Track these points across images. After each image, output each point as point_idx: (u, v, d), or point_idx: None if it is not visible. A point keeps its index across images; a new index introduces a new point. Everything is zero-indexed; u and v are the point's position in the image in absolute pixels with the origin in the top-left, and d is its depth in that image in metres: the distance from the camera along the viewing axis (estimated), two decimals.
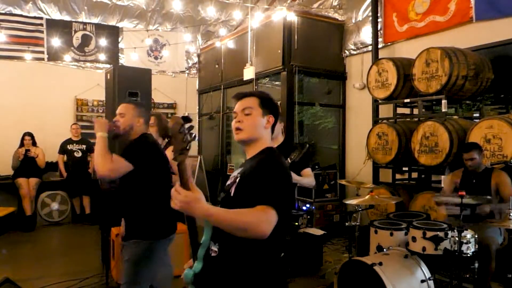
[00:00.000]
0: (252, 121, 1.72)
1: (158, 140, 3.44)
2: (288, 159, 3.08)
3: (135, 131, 2.71)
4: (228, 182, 1.75)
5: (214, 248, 1.64)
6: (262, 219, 1.44)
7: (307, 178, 3.39)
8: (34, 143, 6.85)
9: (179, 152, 1.50)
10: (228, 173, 7.60)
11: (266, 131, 1.75)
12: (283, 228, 1.63)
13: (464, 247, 3.10)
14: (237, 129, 1.74)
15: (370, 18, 6.15)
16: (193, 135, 1.53)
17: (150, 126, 3.38)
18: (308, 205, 6.00)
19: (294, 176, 3.07)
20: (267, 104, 1.76)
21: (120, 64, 8.11)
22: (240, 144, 1.78)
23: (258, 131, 1.73)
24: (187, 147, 1.50)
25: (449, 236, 3.13)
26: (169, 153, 3.15)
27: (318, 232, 4.68)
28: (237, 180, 1.69)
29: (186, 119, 1.52)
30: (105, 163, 2.47)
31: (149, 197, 2.61)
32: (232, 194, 1.66)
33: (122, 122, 2.69)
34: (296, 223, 4.61)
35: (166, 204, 2.62)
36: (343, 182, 5.05)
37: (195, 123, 8.97)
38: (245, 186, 1.63)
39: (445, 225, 3.29)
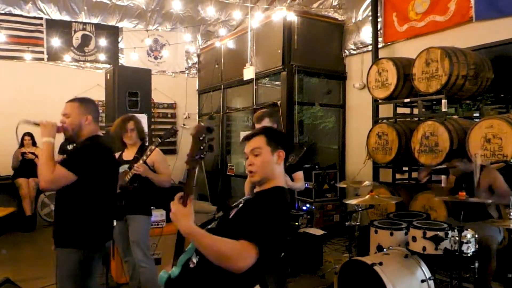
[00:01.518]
0: (262, 161, 1.74)
1: (136, 142, 3.46)
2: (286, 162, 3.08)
3: (84, 131, 2.49)
4: (233, 204, 1.78)
5: (194, 259, 1.65)
6: (242, 255, 1.47)
7: (298, 183, 3.40)
8: (34, 143, 6.84)
9: (192, 159, 1.53)
10: (228, 173, 7.60)
11: (279, 166, 1.77)
12: (264, 262, 1.62)
13: (464, 247, 3.10)
14: (250, 172, 1.75)
15: (370, 18, 6.15)
16: (211, 146, 1.57)
17: (131, 131, 3.40)
18: (308, 205, 5.99)
19: (288, 181, 3.07)
20: (274, 140, 1.77)
21: (120, 64, 8.10)
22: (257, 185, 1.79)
23: (270, 169, 1.75)
24: (202, 155, 1.54)
25: (449, 235, 3.13)
26: (155, 154, 3.17)
27: (318, 232, 4.68)
28: (240, 206, 1.72)
29: (209, 129, 1.55)
30: (46, 174, 2.26)
31: (90, 204, 2.42)
32: (230, 217, 1.70)
33: (68, 123, 2.47)
34: (296, 223, 4.61)
35: (107, 210, 2.50)
36: (342, 185, 5.01)
37: (194, 123, 8.97)
38: (243, 216, 1.66)
39: (445, 225, 3.30)
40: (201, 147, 1.52)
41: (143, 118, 4.66)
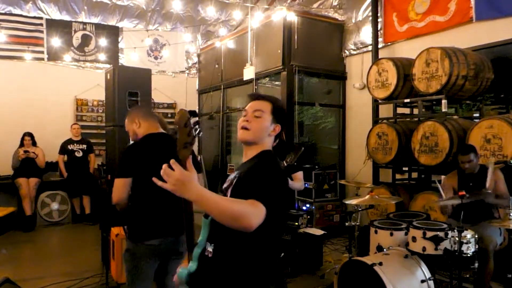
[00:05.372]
0: (260, 125, 1.72)
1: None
2: (284, 162, 3.07)
3: (140, 134, 2.65)
4: (225, 185, 1.75)
5: (210, 248, 1.64)
6: (252, 212, 1.45)
7: (297, 182, 3.39)
8: (34, 143, 6.85)
9: (182, 146, 1.47)
10: (228, 173, 7.60)
11: (270, 138, 1.76)
12: (276, 231, 1.64)
13: (464, 247, 3.10)
14: (244, 128, 1.72)
15: (370, 18, 6.15)
16: (199, 130, 1.50)
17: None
18: (308, 205, 6.00)
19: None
20: (278, 113, 1.77)
21: (120, 64, 8.11)
22: (242, 143, 1.77)
23: (262, 135, 1.73)
24: (191, 142, 1.48)
25: (449, 236, 3.13)
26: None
27: (318, 232, 4.68)
28: (234, 183, 1.69)
29: (193, 113, 1.50)
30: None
31: (143, 199, 2.54)
32: (228, 197, 1.67)
33: (130, 135, 2.72)
34: (296, 223, 4.61)
35: (161, 204, 2.52)
36: (343, 182, 5.04)
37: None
38: (241, 188, 1.63)
39: (445, 225, 3.30)
40: (188, 134, 1.46)
41: None
